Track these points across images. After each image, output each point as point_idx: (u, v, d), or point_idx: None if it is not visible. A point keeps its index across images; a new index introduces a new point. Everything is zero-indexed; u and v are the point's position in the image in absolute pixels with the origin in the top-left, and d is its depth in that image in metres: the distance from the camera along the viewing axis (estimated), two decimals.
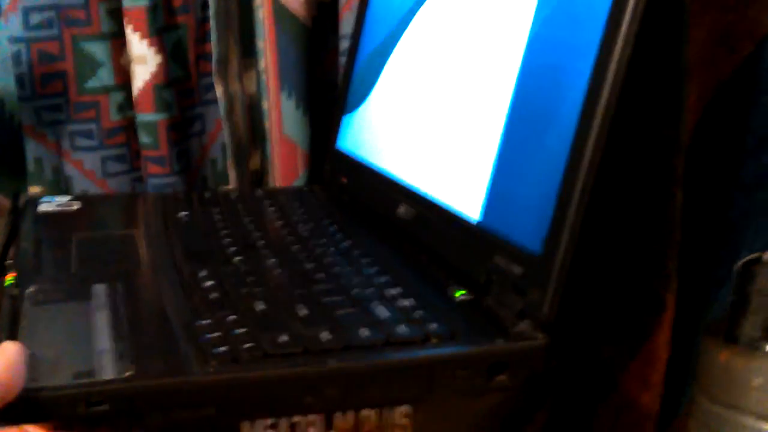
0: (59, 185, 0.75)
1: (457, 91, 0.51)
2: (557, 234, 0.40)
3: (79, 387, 0.35)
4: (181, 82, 0.75)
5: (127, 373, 0.36)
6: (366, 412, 0.41)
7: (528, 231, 0.41)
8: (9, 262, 0.51)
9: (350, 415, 0.40)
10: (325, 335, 0.39)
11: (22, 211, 0.59)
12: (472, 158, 0.48)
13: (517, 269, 0.41)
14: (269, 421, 0.39)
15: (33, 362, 0.35)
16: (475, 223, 0.46)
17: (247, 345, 0.38)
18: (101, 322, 0.41)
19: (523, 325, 0.40)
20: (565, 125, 0.40)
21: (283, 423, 0.40)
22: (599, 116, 0.39)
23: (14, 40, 0.72)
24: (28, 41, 0.72)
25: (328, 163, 0.68)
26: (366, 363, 0.38)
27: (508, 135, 0.45)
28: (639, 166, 0.47)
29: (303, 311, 0.42)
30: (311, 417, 0.40)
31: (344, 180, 0.65)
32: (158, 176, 0.74)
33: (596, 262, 0.46)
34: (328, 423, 0.40)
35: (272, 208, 0.61)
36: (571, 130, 0.40)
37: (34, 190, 0.75)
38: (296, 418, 0.40)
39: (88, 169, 0.76)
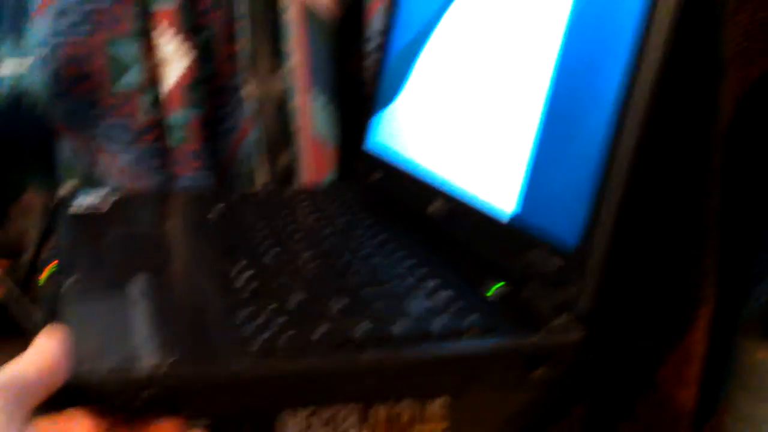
0: (92, 184, 0.76)
1: (492, 85, 0.51)
2: (595, 227, 0.39)
3: (123, 372, 0.35)
4: (211, 80, 0.76)
5: (170, 360, 0.36)
6: (403, 404, 0.41)
7: (565, 225, 0.41)
8: (46, 256, 0.52)
9: (386, 410, 0.41)
10: (363, 327, 0.39)
11: (58, 206, 0.60)
12: (508, 152, 0.48)
13: (554, 263, 0.41)
14: (306, 414, 0.40)
15: (77, 349, 0.36)
16: (510, 217, 0.46)
17: (287, 335, 0.39)
18: (141, 311, 0.41)
19: (561, 319, 0.40)
20: (604, 118, 0.40)
21: (320, 417, 0.40)
22: (638, 109, 0.39)
23: (45, 41, 0.73)
24: (59, 42, 0.73)
25: (359, 160, 0.68)
26: (404, 355, 0.39)
27: (545, 128, 0.45)
28: (676, 162, 0.47)
29: (341, 303, 0.42)
30: (347, 411, 0.40)
31: (375, 177, 0.65)
32: (190, 173, 0.75)
33: (634, 257, 0.46)
34: (364, 417, 0.41)
35: (305, 204, 0.61)
36: (609, 124, 0.40)
37: (67, 187, 0.76)
38: (333, 413, 0.40)
39: (120, 167, 0.77)
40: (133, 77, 0.75)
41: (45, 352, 0.34)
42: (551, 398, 0.42)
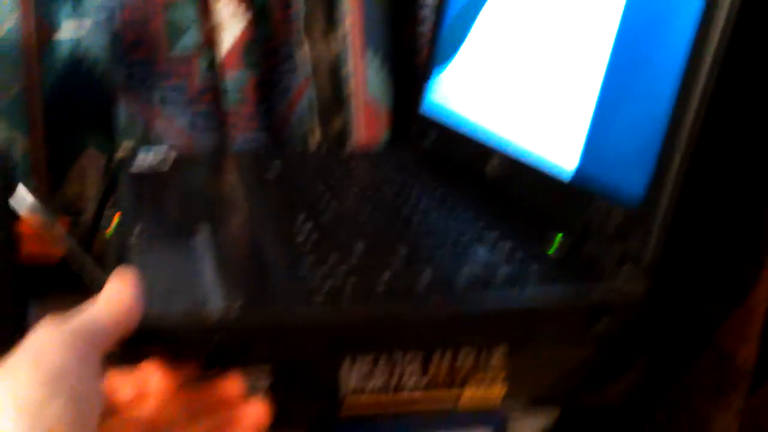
0: (150, 144, 0.78)
1: (554, 41, 0.50)
2: (661, 180, 0.39)
3: (194, 316, 0.36)
4: (267, 42, 0.76)
5: (239, 304, 0.37)
6: (462, 356, 0.41)
7: (629, 179, 0.41)
8: (108, 214, 0.53)
9: (447, 358, 0.41)
10: (426, 274, 0.40)
11: (120, 164, 0.61)
12: (569, 109, 0.47)
13: (617, 216, 0.41)
14: (369, 360, 0.40)
15: (147, 293, 0.36)
16: (572, 173, 0.46)
17: (351, 283, 0.39)
18: (207, 259, 0.42)
19: (624, 272, 0.40)
20: (672, 71, 0.40)
21: (382, 364, 0.41)
22: (707, 62, 0.38)
23: (104, 4, 0.74)
24: (118, 5, 0.74)
25: (414, 121, 0.68)
26: (467, 303, 0.39)
27: (608, 83, 0.45)
28: (743, 117, 0.46)
29: (403, 252, 0.42)
30: (409, 358, 0.41)
31: (431, 139, 0.65)
32: (245, 135, 0.75)
33: (698, 213, 0.45)
34: (425, 365, 0.41)
35: (361, 163, 0.62)
36: (677, 76, 0.39)
37: (124, 149, 0.77)
38: (396, 356, 0.41)
39: (178, 128, 0.78)
40: (189, 40, 0.76)
41: (116, 297, 0.34)
42: (611, 352, 0.42)
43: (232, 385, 0.37)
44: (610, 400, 0.44)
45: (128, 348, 0.36)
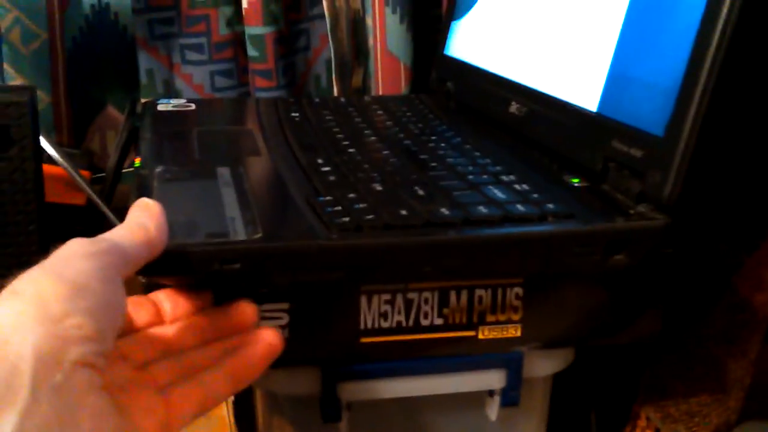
0: (169, 98, 0.78)
1: None
2: (681, 116, 0.39)
3: (214, 245, 0.37)
4: None
5: (260, 234, 0.37)
6: (479, 292, 0.42)
7: (650, 115, 0.41)
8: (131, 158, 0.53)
9: (464, 295, 0.42)
10: (444, 210, 0.40)
11: (141, 113, 0.61)
12: (590, 48, 0.47)
13: (637, 152, 0.41)
14: (386, 297, 0.41)
15: (170, 223, 0.36)
16: (592, 112, 0.46)
17: (368, 217, 0.39)
18: (227, 195, 0.42)
19: (643, 207, 0.40)
20: (692, 6, 0.40)
21: (398, 303, 0.41)
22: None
23: None
24: None
25: (434, 69, 0.68)
26: (485, 234, 0.39)
27: (629, 20, 0.44)
28: (764, 57, 0.46)
29: (420, 192, 0.43)
30: (426, 295, 0.41)
31: (452, 86, 0.65)
32: (264, 89, 0.76)
33: (717, 157, 0.45)
34: (441, 305, 0.41)
35: (381, 111, 0.62)
36: (699, 11, 0.39)
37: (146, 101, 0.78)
38: (412, 295, 0.41)
39: (197, 83, 0.79)
40: None
41: (138, 225, 0.35)
42: (627, 294, 0.43)
43: (246, 311, 0.38)
44: (625, 342, 0.44)
45: (149, 275, 0.37)
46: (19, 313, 0.28)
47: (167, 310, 0.38)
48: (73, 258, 0.30)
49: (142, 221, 0.35)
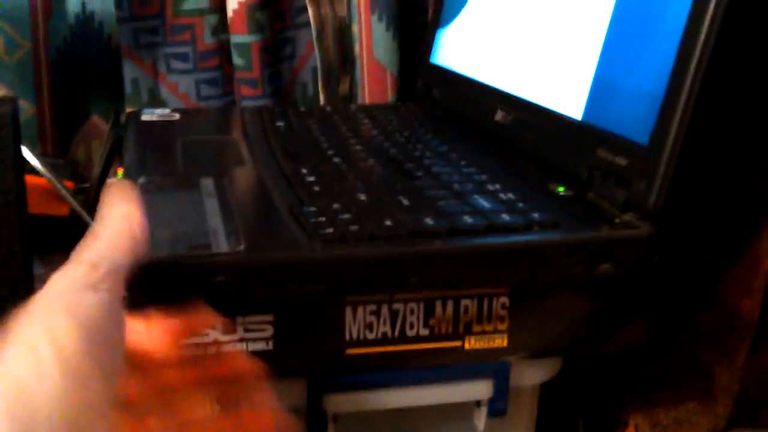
0: (154, 107, 0.78)
1: None
2: (666, 124, 0.39)
3: (197, 258, 0.36)
4: (273, 4, 0.76)
5: (243, 246, 0.37)
6: (465, 303, 0.41)
7: (634, 123, 0.41)
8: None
9: (450, 305, 0.41)
10: (429, 220, 0.40)
11: (124, 123, 0.61)
12: (574, 57, 0.47)
13: (622, 160, 0.41)
14: (371, 308, 0.40)
15: (152, 235, 0.36)
16: (577, 120, 0.46)
17: (353, 227, 0.39)
18: (211, 207, 0.42)
19: (628, 216, 0.40)
20: (676, 15, 0.40)
21: (384, 314, 0.41)
22: (712, 3, 0.38)
23: None
24: None
25: (421, 78, 0.68)
26: (470, 245, 0.39)
27: (614, 28, 0.44)
28: (748, 64, 0.46)
29: (405, 201, 0.42)
30: (412, 305, 0.41)
31: (438, 93, 0.65)
32: (251, 98, 0.75)
33: (702, 160, 0.45)
34: (428, 312, 0.41)
35: (367, 120, 0.62)
36: (683, 20, 0.39)
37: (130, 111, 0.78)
38: (397, 306, 0.41)
39: (183, 92, 0.78)
40: (196, 2, 0.76)
41: (125, 235, 0.33)
42: (614, 303, 0.42)
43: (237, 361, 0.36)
44: (613, 351, 0.44)
45: (133, 291, 0.36)
46: (43, 376, 0.26)
47: (154, 337, 0.36)
48: (80, 291, 0.29)
49: (125, 234, 0.33)
